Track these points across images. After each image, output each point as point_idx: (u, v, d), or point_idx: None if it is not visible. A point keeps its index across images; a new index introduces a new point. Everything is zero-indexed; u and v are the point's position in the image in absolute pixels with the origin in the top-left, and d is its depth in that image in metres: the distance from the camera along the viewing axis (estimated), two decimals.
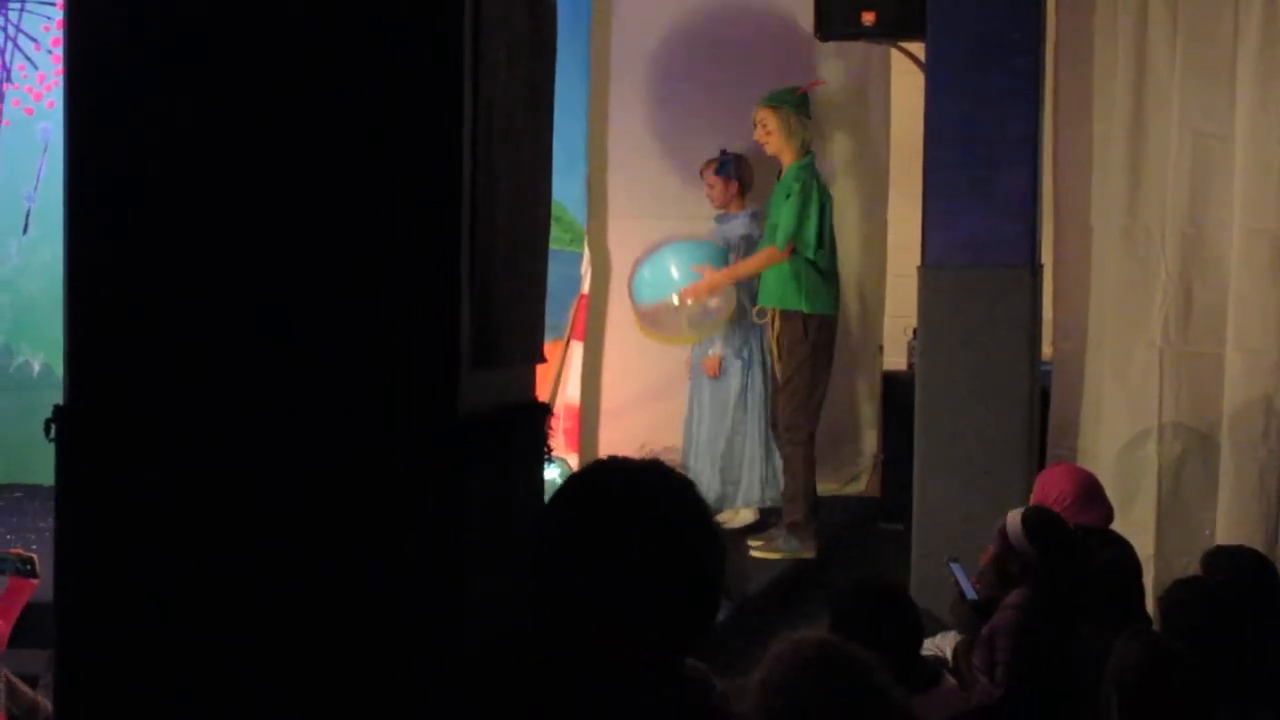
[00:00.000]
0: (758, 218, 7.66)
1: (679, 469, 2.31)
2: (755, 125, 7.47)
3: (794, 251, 7.24)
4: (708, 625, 2.22)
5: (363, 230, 2.29)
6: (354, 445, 2.28)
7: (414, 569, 2.28)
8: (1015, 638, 4.69)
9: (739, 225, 7.66)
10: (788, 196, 7.27)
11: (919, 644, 4.55)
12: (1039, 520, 5.05)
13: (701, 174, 7.79)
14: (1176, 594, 4.60)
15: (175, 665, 2.32)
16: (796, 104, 7.43)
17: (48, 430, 2.36)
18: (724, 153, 7.70)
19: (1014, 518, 5.03)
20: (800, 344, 7.27)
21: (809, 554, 7.34)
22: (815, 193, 7.30)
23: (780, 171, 7.49)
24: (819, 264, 7.30)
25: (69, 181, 2.38)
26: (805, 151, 7.40)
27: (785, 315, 7.32)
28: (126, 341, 2.34)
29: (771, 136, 7.40)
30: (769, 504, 7.71)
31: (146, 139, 2.34)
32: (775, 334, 7.34)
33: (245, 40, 2.32)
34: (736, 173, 7.66)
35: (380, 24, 2.29)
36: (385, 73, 2.29)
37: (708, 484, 7.49)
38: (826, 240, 7.35)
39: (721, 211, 7.77)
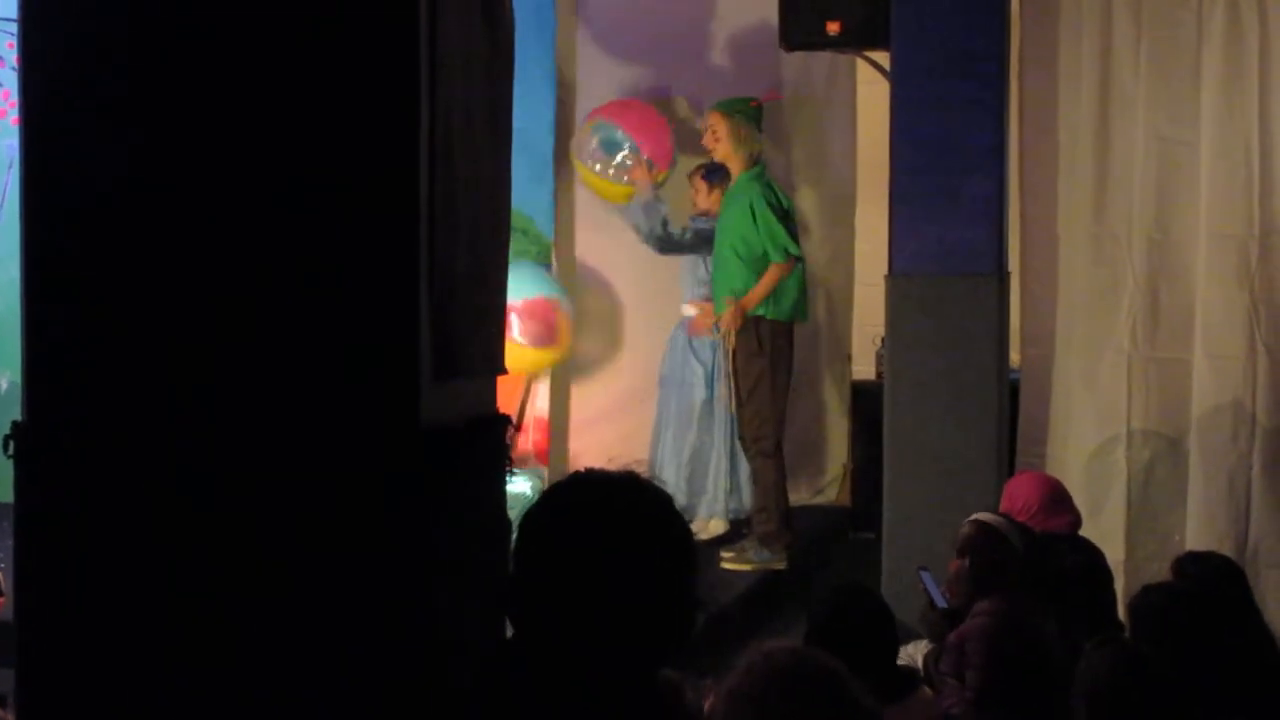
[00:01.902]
0: None
1: (656, 481, 2.31)
2: (705, 130, 7.47)
3: (761, 259, 7.22)
4: (682, 638, 2.22)
5: (320, 244, 2.28)
6: (315, 459, 2.27)
7: (377, 582, 2.27)
8: (988, 643, 4.68)
9: (710, 227, 7.67)
10: (751, 210, 7.23)
11: (896, 652, 4.54)
12: (1008, 521, 5.07)
13: (690, 177, 7.80)
14: (1146, 600, 4.59)
15: (136, 681, 2.31)
16: (749, 114, 7.41)
17: (6, 447, 2.35)
18: (711, 162, 7.69)
19: (988, 516, 5.03)
20: (757, 356, 7.18)
21: (780, 565, 7.32)
22: (776, 199, 7.28)
23: (728, 180, 7.51)
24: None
25: (25, 198, 2.37)
26: (754, 162, 7.37)
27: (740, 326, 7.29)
28: (84, 358, 2.33)
29: (720, 143, 7.38)
30: (734, 515, 7.70)
31: (102, 156, 2.33)
32: (731, 349, 7.26)
33: (199, 55, 2.31)
34: (720, 180, 7.66)
35: (334, 36, 2.28)
36: (340, 85, 2.28)
37: (674, 495, 7.43)
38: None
39: (698, 213, 7.79)
